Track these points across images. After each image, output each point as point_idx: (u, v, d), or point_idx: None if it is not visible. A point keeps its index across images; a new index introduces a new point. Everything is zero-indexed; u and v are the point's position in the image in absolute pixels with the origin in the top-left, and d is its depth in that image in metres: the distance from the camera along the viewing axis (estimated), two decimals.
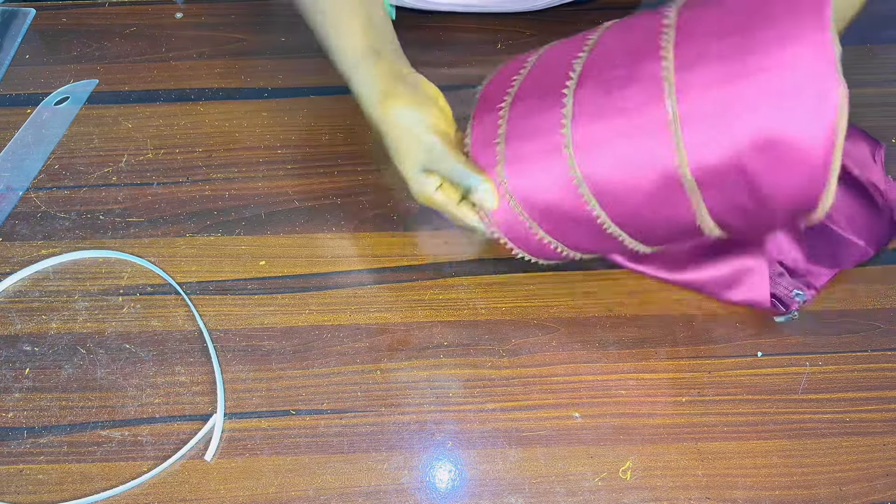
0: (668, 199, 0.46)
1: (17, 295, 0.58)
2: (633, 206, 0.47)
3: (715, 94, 0.43)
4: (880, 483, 0.50)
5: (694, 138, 0.43)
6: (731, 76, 0.42)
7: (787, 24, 0.41)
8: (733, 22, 0.44)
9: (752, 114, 0.42)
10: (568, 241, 0.52)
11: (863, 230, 0.59)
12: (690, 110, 0.43)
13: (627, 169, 0.46)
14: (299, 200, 0.63)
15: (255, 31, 0.75)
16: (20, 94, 0.70)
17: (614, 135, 0.46)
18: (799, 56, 0.41)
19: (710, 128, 0.43)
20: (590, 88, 0.48)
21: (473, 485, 0.50)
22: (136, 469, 0.50)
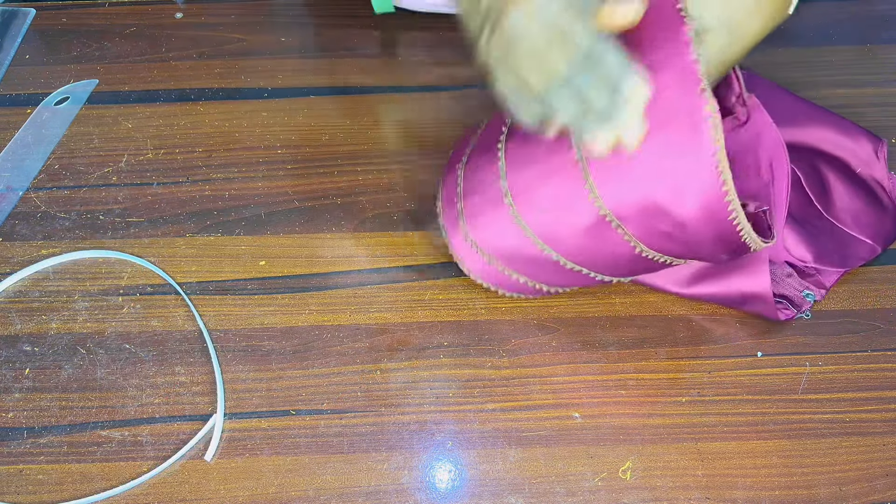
0: (601, 235, 0.48)
1: (17, 295, 0.58)
2: (578, 245, 0.49)
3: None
4: (880, 483, 0.50)
5: (600, 175, 0.46)
6: None
7: (652, 53, 0.43)
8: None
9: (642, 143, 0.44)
10: (543, 279, 0.54)
11: (869, 228, 0.59)
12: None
13: (557, 212, 0.49)
14: (299, 200, 0.63)
15: (255, 31, 0.75)
16: (20, 94, 0.70)
17: (538, 180, 0.49)
18: (665, 82, 0.42)
19: (611, 162, 0.45)
20: (516, 139, 0.50)
21: (473, 485, 0.50)
22: (136, 469, 0.50)
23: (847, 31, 0.74)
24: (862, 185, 0.61)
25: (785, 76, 0.70)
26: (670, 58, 0.42)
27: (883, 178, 0.61)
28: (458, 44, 0.75)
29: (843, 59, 0.72)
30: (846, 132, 0.62)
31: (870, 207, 0.60)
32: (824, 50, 0.73)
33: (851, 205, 0.60)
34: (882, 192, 0.61)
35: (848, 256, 0.58)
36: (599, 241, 0.48)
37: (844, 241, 0.58)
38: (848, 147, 0.62)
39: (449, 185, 0.55)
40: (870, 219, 0.59)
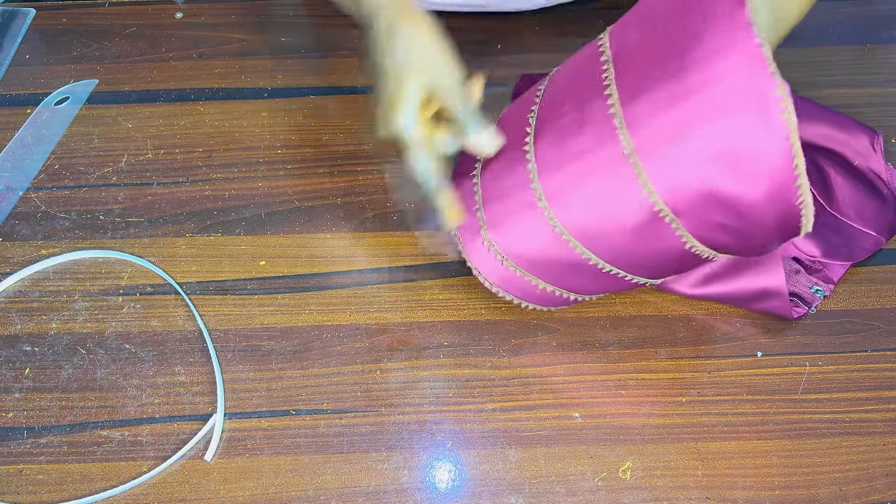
0: (651, 231, 0.47)
1: (17, 295, 0.58)
2: (620, 245, 0.48)
3: (663, 120, 0.44)
4: (880, 483, 0.50)
5: (654, 167, 0.44)
6: (673, 99, 0.43)
7: (712, 38, 0.42)
8: (664, 45, 0.45)
9: (702, 131, 0.43)
10: (570, 286, 0.52)
11: (872, 220, 0.59)
12: (645, 141, 0.44)
13: (602, 210, 0.47)
14: (299, 200, 0.63)
15: (255, 31, 0.75)
16: (20, 94, 0.70)
17: (580, 179, 0.47)
18: (730, 66, 0.41)
19: (667, 153, 0.44)
20: (547, 139, 0.49)
21: (473, 485, 0.50)
22: (136, 469, 0.50)
23: (847, 31, 0.75)
24: (861, 177, 0.61)
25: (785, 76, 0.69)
26: (733, 41, 0.41)
27: (881, 169, 0.62)
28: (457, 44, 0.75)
29: (843, 59, 0.72)
30: (841, 126, 0.63)
31: (870, 199, 0.60)
32: (824, 50, 0.73)
33: (853, 198, 0.60)
34: (881, 183, 0.61)
35: (854, 249, 0.58)
36: (648, 238, 0.47)
37: (850, 235, 0.58)
38: (844, 141, 0.62)
39: (463, 194, 0.54)
40: (872, 211, 0.59)
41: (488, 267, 0.52)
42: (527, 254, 0.51)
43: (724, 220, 0.45)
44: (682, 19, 0.44)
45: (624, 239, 0.47)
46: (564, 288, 0.53)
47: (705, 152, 0.43)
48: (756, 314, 0.57)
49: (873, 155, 0.62)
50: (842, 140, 0.62)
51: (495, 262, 0.52)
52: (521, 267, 0.51)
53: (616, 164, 0.45)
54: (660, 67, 0.44)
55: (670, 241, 0.47)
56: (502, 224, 0.51)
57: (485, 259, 0.52)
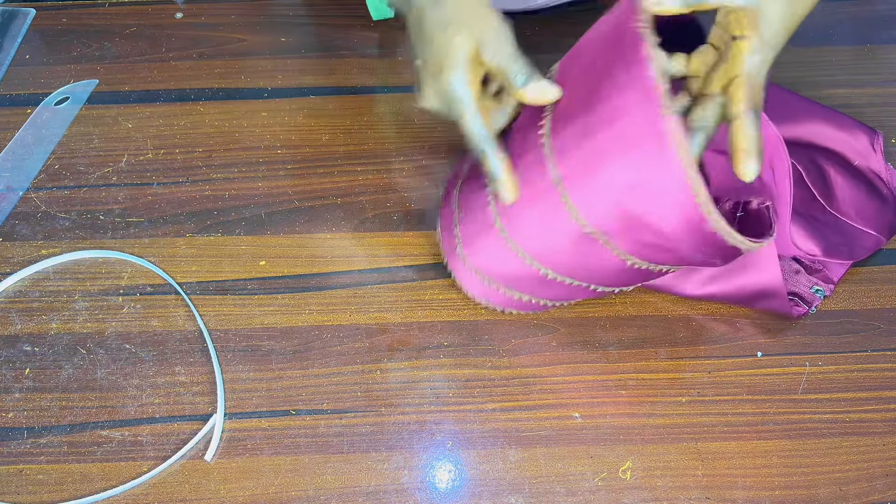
0: (591, 251, 0.48)
1: (17, 295, 0.58)
2: (570, 262, 0.49)
3: (581, 152, 0.45)
4: (880, 483, 0.50)
5: (578, 194, 0.46)
6: (588, 131, 0.45)
7: (618, 74, 0.43)
8: (586, 79, 0.46)
9: (612, 163, 0.44)
10: (545, 295, 0.54)
11: (872, 219, 0.59)
12: (567, 171, 0.46)
13: (544, 233, 0.49)
14: (299, 200, 0.63)
15: (255, 31, 0.75)
16: (20, 94, 0.70)
17: (522, 203, 0.49)
18: (628, 102, 0.43)
19: (588, 182, 0.45)
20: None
21: (473, 485, 0.50)
22: (136, 469, 0.50)
23: (847, 31, 0.75)
24: (861, 177, 0.61)
25: (785, 76, 0.70)
26: (631, 77, 0.43)
27: (881, 169, 0.62)
28: None
29: (843, 59, 0.72)
30: (841, 125, 0.63)
31: (870, 199, 0.60)
32: (824, 50, 0.73)
33: (853, 197, 0.60)
34: (881, 183, 0.61)
35: (855, 248, 0.58)
36: (590, 256, 0.48)
37: (850, 234, 0.58)
38: (844, 140, 0.62)
39: (446, 212, 0.56)
40: (872, 210, 0.59)
41: (469, 282, 0.54)
42: (495, 270, 0.52)
43: (655, 241, 0.46)
44: (602, 54, 0.45)
45: (571, 258, 0.49)
46: (539, 297, 0.54)
47: (618, 183, 0.44)
48: (756, 314, 0.57)
49: (873, 155, 0.62)
50: (842, 140, 0.62)
51: (473, 276, 0.54)
52: (495, 280, 0.53)
53: (547, 192, 0.47)
54: (581, 100, 0.46)
55: (611, 260, 0.48)
56: (472, 243, 0.53)
57: (464, 274, 0.54)
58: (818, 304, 0.56)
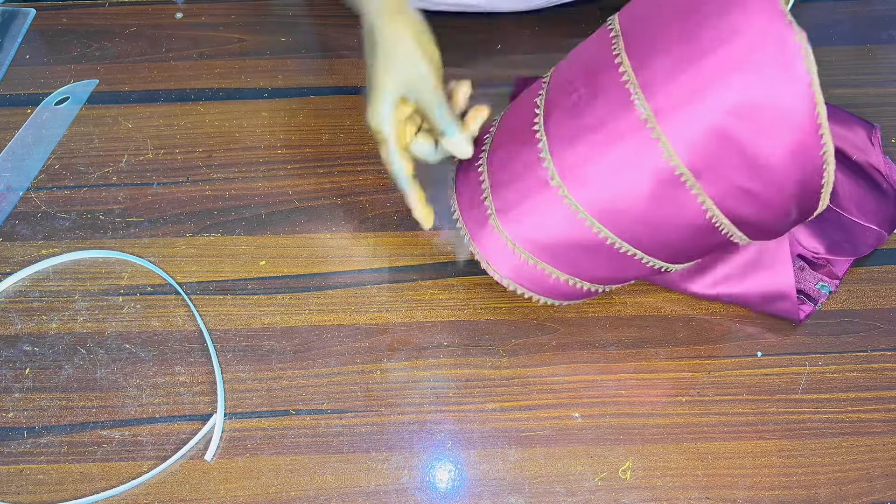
0: (671, 198, 0.46)
1: (17, 295, 0.58)
2: (639, 217, 0.47)
3: (680, 80, 0.43)
4: (880, 483, 0.50)
5: (673, 128, 0.43)
6: (688, 58, 0.43)
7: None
8: (674, 12, 0.44)
9: (720, 87, 0.42)
10: (584, 273, 0.51)
11: (873, 214, 0.59)
12: (661, 103, 0.44)
13: (620, 180, 0.46)
14: (299, 200, 0.63)
15: (255, 31, 0.75)
16: (20, 94, 0.70)
17: (596, 151, 0.46)
18: (746, 18, 0.41)
19: (686, 113, 0.43)
20: (557, 116, 0.48)
21: (473, 485, 0.50)
22: (136, 469, 0.50)
23: (847, 31, 0.75)
24: (860, 171, 0.61)
25: None
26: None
27: (879, 163, 0.62)
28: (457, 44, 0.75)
29: (843, 59, 0.72)
30: (839, 120, 0.63)
31: (871, 193, 0.60)
32: (824, 50, 0.73)
33: (854, 193, 0.60)
34: (880, 177, 0.61)
35: (858, 244, 0.58)
36: (669, 209, 0.46)
37: (852, 230, 0.58)
38: (842, 135, 0.62)
39: (468, 185, 0.53)
40: (872, 205, 0.59)
41: (498, 257, 0.51)
42: (540, 239, 0.49)
43: (746, 183, 0.44)
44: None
45: (644, 211, 0.46)
46: (578, 276, 0.51)
47: (725, 108, 0.42)
48: (756, 314, 0.57)
49: (871, 149, 0.62)
50: (840, 134, 0.62)
51: (506, 250, 0.50)
52: (534, 254, 0.50)
53: (633, 131, 0.44)
54: (672, 31, 0.44)
55: (691, 210, 0.46)
56: (513, 208, 0.49)
57: (494, 249, 0.50)
58: (824, 300, 0.56)
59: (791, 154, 0.43)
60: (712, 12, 0.42)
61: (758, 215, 0.47)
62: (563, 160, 0.47)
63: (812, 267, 0.58)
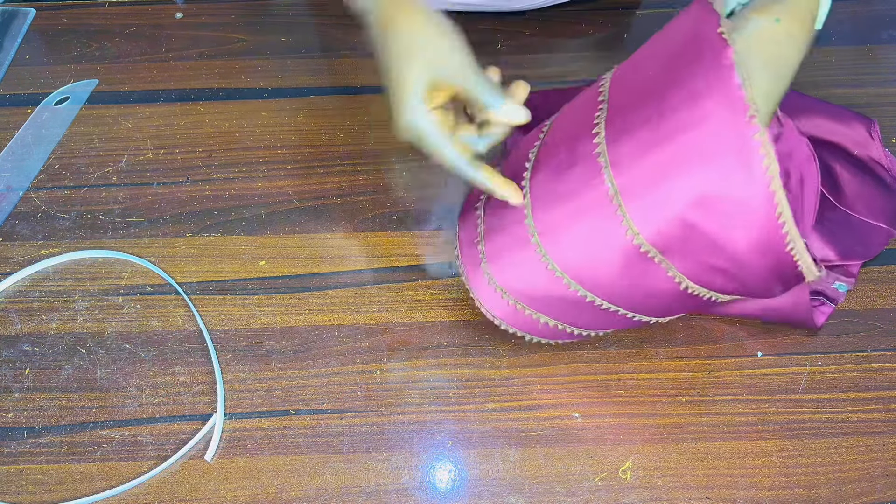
0: (642, 271, 0.45)
1: (17, 295, 0.58)
2: (614, 284, 0.47)
3: (645, 162, 0.43)
4: (880, 483, 0.50)
5: (637, 208, 0.44)
6: (654, 142, 0.42)
7: (694, 80, 0.42)
8: (651, 87, 0.44)
9: (683, 175, 0.42)
10: (574, 322, 0.51)
11: (881, 211, 0.59)
12: (628, 182, 0.43)
13: (591, 249, 0.46)
14: (299, 200, 0.63)
15: (255, 31, 0.75)
16: (20, 94, 0.70)
17: (568, 217, 0.46)
18: (710, 110, 0.41)
19: (649, 195, 0.43)
20: (542, 175, 0.48)
21: (473, 485, 0.50)
22: (136, 469, 0.50)
23: (847, 31, 0.75)
24: (863, 167, 0.61)
25: None
26: (714, 84, 0.41)
27: (881, 157, 0.61)
28: None
29: (843, 59, 0.72)
30: (837, 117, 0.62)
31: (876, 189, 0.60)
32: (824, 50, 0.73)
33: (860, 190, 0.59)
34: (883, 171, 0.61)
35: (869, 245, 0.58)
36: (640, 278, 0.46)
37: (862, 231, 0.58)
38: (842, 132, 0.62)
39: (468, 225, 0.53)
40: (878, 200, 0.59)
41: (490, 301, 0.51)
42: (525, 289, 0.49)
43: (717, 263, 0.44)
44: (672, 61, 0.44)
45: (616, 279, 0.46)
46: (567, 323, 0.51)
47: (687, 196, 0.42)
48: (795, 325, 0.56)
49: (871, 143, 0.62)
50: (840, 131, 0.62)
51: (496, 295, 0.50)
52: (522, 301, 0.50)
53: (601, 204, 0.45)
54: (646, 109, 0.44)
55: (663, 282, 0.46)
56: (500, 258, 0.50)
57: (486, 292, 0.51)
58: (843, 299, 0.56)
59: (756, 249, 0.42)
60: (682, 98, 0.42)
61: (737, 289, 0.47)
62: (542, 221, 0.47)
63: (828, 267, 0.57)
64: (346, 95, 0.70)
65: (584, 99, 0.50)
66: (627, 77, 0.47)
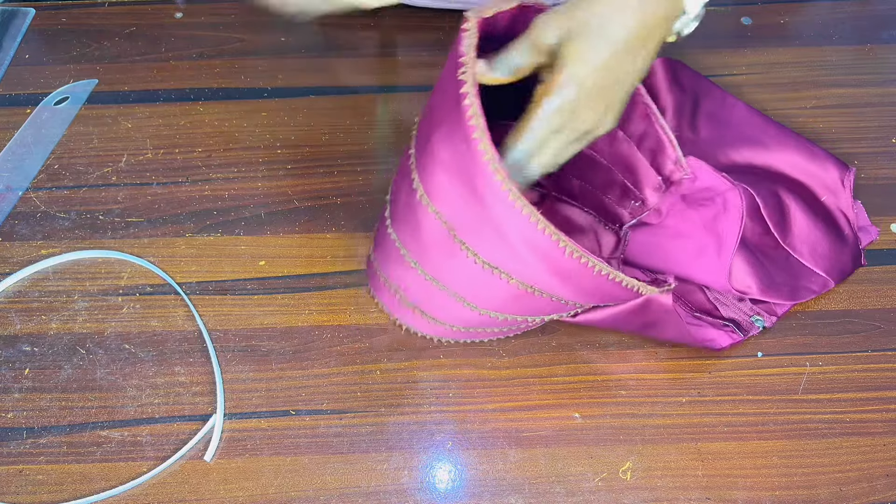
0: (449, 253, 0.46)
1: (17, 295, 0.58)
2: (436, 263, 0.47)
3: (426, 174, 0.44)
4: (880, 483, 0.49)
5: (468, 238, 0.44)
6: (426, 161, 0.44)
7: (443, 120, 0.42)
8: (430, 113, 0.45)
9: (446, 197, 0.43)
10: (434, 311, 0.51)
11: (825, 259, 0.56)
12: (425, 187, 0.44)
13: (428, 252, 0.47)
14: (299, 200, 0.63)
15: (255, 31, 0.75)
16: (20, 94, 0.70)
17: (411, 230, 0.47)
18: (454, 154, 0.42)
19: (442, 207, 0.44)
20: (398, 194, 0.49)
21: (473, 485, 0.50)
22: (136, 469, 0.50)
23: (847, 31, 0.74)
24: (823, 214, 0.59)
25: (785, 76, 0.70)
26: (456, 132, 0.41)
27: (847, 207, 0.59)
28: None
29: (843, 59, 0.72)
30: (813, 157, 0.60)
31: (828, 238, 0.57)
32: (824, 50, 0.73)
33: (810, 235, 0.57)
34: (845, 222, 0.59)
35: (798, 289, 0.56)
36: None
37: (797, 273, 0.56)
38: (814, 173, 0.60)
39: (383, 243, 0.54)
40: (827, 250, 0.57)
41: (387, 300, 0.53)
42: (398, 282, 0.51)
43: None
44: (436, 97, 0.45)
45: (435, 259, 0.47)
46: (431, 315, 0.52)
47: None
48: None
49: (842, 191, 0.60)
50: (811, 172, 0.60)
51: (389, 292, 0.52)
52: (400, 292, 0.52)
53: (414, 205, 0.46)
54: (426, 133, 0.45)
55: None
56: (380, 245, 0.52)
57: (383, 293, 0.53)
58: (755, 333, 0.55)
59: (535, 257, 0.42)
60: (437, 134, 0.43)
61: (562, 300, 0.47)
62: (404, 234, 0.49)
63: (753, 300, 0.56)
64: (345, 95, 0.70)
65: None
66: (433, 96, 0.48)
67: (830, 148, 0.63)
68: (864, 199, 0.61)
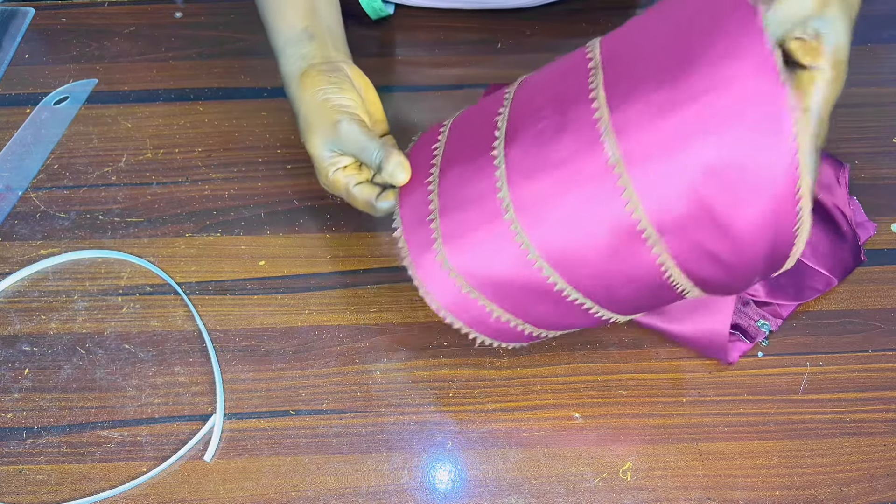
0: (628, 253, 0.42)
1: (17, 295, 0.58)
2: (593, 268, 0.43)
3: (658, 128, 0.39)
4: (881, 483, 0.49)
5: (643, 178, 0.40)
6: (670, 105, 0.39)
7: (718, 43, 0.39)
8: (663, 52, 0.41)
9: (700, 141, 0.39)
10: (529, 317, 0.47)
11: (827, 258, 0.56)
12: (633, 148, 0.40)
13: (578, 225, 0.42)
14: (299, 200, 0.63)
15: (255, 31, 0.75)
16: (20, 94, 0.70)
17: (556, 189, 0.42)
18: (737, 72, 0.38)
19: (659, 164, 0.39)
20: (520, 145, 0.44)
21: (473, 485, 0.50)
22: (136, 469, 0.50)
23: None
24: (821, 212, 0.59)
25: None
26: (742, 47, 0.38)
27: (843, 203, 0.59)
28: (457, 44, 0.75)
29: None
30: None
31: (828, 236, 0.57)
32: None
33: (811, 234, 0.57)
34: (842, 218, 0.59)
35: (803, 289, 0.56)
36: (622, 262, 0.43)
37: (801, 273, 0.56)
38: None
39: (415, 199, 0.48)
40: (828, 248, 0.57)
41: (438, 286, 0.46)
42: (485, 273, 0.45)
43: (713, 247, 0.41)
44: (686, 28, 0.41)
45: (597, 261, 0.43)
46: (521, 318, 0.47)
47: (703, 165, 0.39)
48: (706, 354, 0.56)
49: (837, 188, 0.59)
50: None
51: (448, 280, 0.45)
52: (476, 288, 0.45)
53: (598, 176, 0.41)
54: (657, 73, 0.40)
55: (648, 268, 0.43)
56: (460, 237, 0.45)
57: (435, 276, 0.46)
58: (762, 338, 0.55)
59: (763, 223, 0.40)
60: (703, 59, 0.39)
61: (720, 278, 0.44)
62: (521, 194, 0.43)
63: (757, 303, 0.56)
64: None
65: (565, 65, 0.47)
66: (624, 44, 0.44)
67: (830, 148, 0.63)
68: (864, 200, 0.61)
